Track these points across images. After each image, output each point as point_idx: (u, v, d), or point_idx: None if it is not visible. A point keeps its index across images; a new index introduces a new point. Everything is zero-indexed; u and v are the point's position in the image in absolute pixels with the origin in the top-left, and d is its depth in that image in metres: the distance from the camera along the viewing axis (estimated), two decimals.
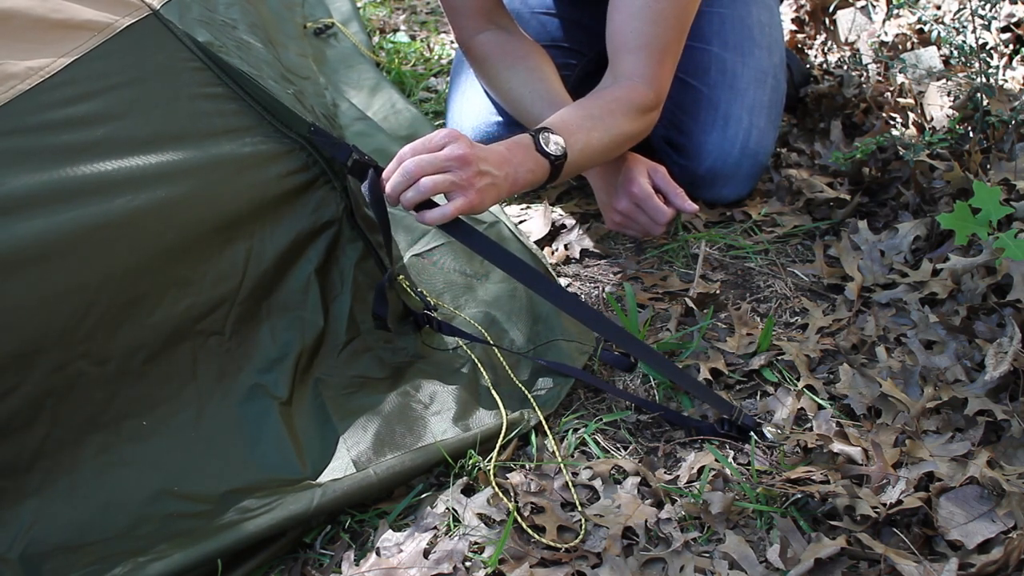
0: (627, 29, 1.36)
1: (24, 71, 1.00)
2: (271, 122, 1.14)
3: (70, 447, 0.99)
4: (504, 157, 1.17)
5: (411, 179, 1.08)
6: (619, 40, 1.37)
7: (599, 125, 1.29)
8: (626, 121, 1.33)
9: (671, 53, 1.38)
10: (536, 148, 1.20)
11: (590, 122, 1.29)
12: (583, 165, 1.31)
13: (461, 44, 1.58)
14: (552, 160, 1.21)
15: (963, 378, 1.15)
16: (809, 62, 1.97)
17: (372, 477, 1.03)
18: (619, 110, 1.33)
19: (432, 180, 1.08)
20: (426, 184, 1.08)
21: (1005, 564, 0.90)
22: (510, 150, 1.18)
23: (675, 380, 1.18)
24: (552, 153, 1.21)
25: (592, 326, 1.18)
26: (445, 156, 1.09)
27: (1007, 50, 1.79)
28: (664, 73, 1.38)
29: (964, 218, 1.18)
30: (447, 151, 1.10)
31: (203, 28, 1.17)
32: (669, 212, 1.39)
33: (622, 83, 1.36)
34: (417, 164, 1.08)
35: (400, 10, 2.60)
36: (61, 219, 0.96)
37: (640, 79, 1.35)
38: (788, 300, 1.37)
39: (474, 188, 1.10)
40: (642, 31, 1.35)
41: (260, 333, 1.12)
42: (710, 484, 1.05)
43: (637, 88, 1.35)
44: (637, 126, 1.36)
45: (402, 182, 1.09)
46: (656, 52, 1.36)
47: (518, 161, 1.18)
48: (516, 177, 1.18)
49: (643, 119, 1.37)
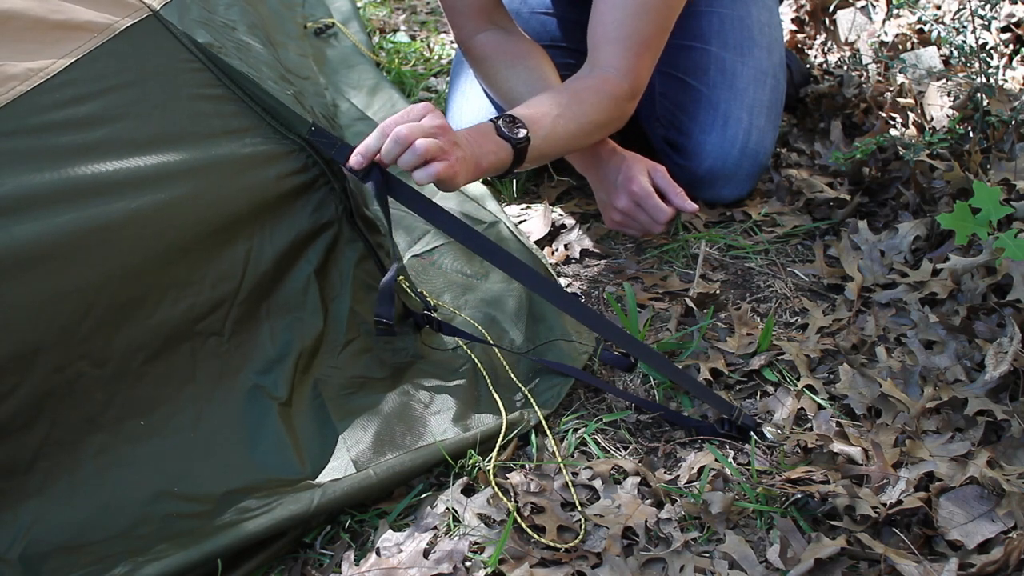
0: (608, 20, 1.37)
1: (24, 72, 1.00)
2: (270, 123, 1.14)
3: (70, 448, 0.99)
4: (469, 139, 1.19)
5: (405, 143, 1.10)
6: (600, 31, 1.38)
7: (566, 113, 1.30)
8: (596, 110, 1.34)
9: (651, 47, 1.39)
10: (497, 133, 1.22)
11: (557, 109, 1.30)
12: (549, 152, 1.32)
13: (460, 44, 1.58)
14: (514, 144, 1.22)
15: (963, 378, 1.15)
16: (809, 62, 1.97)
17: (372, 477, 1.03)
18: (589, 99, 1.33)
19: (425, 142, 1.09)
20: (421, 145, 1.09)
21: (1005, 564, 0.90)
22: (471, 133, 1.20)
23: (675, 380, 1.18)
24: (513, 137, 1.22)
25: (592, 326, 1.18)
26: (429, 123, 1.12)
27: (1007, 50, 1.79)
28: (641, 66, 1.38)
29: (964, 218, 1.18)
30: (428, 119, 1.12)
31: (203, 29, 1.17)
32: (669, 211, 1.39)
33: (596, 73, 1.36)
34: (409, 129, 1.10)
35: (400, 10, 2.61)
36: (61, 220, 0.96)
37: (615, 70, 1.36)
38: (788, 300, 1.37)
39: (454, 155, 1.12)
40: (623, 23, 1.36)
41: (259, 334, 1.12)
42: (710, 484, 1.05)
43: (610, 79, 1.36)
44: (608, 115, 1.37)
45: (395, 147, 1.10)
46: (635, 45, 1.36)
47: (479, 143, 1.19)
48: (479, 159, 1.19)
49: (615, 109, 1.37)
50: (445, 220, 1.16)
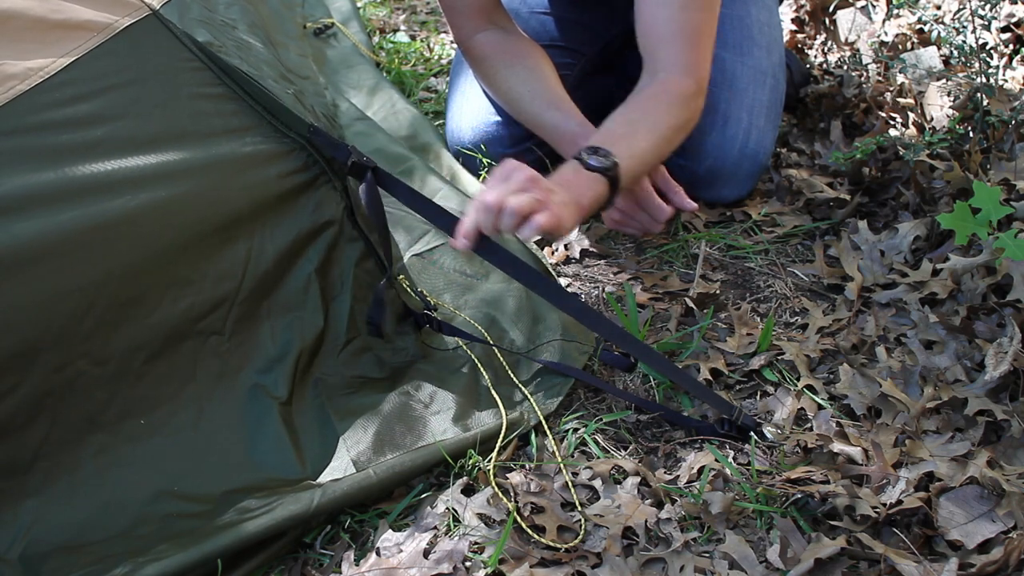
0: (658, 20, 1.35)
1: (23, 71, 1.00)
2: (271, 122, 1.14)
3: (70, 447, 0.99)
4: (562, 182, 1.17)
5: (496, 209, 1.08)
6: (652, 33, 1.37)
7: (641, 127, 1.30)
8: (669, 115, 1.33)
9: (706, 35, 1.37)
10: (585, 167, 1.20)
11: (631, 127, 1.29)
12: (639, 170, 1.30)
13: (460, 44, 1.58)
14: (605, 173, 1.21)
15: (963, 378, 1.15)
16: (809, 62, 1.97)
17: (372, 477, 1.03)
18: (659, 106, 1.33)
19: (516, 200, 1.07)
20: (513, 204, 1.06)
21: (1005, 564, 0.90)
22: (561, 177, 1.19)
23: (675, 380, 1.18)
24: (601, 166, 1.21)
25: (592, 326, 1.18)
26: (517, 181, 1.10)
27: (1007, 50, 1.79)
28: (701, 57, 1.37)
29: (964, 218, 1.18)
30: (516, 177, 1.10)
31: (203, 28, 1.17)
32: (669, 210, 1.39)
33: (658, 79, 1.35)
34: (496, 195, 1.08)
35: (400, 10, 2.60)
36: (61, 219, 0.96)
37: (677, 69, 1.35)
38: (788, 300, 1.37)
39: (553, 203, 1.10)
40: (673, 18, 1.34)
41: (260, 333, 1.12)
42: (710, 484, 1.05)
43: (673, 80, 1.35)
44: (681, 117, 1.36)
45: (488, 216, 1.08)
46: (690, 37, 1.35)
47: (573, 184, 1.18)
48: (579, 199, 1.17)
49: (686, 108, 1.36)
50: (445, 220, 1.16)
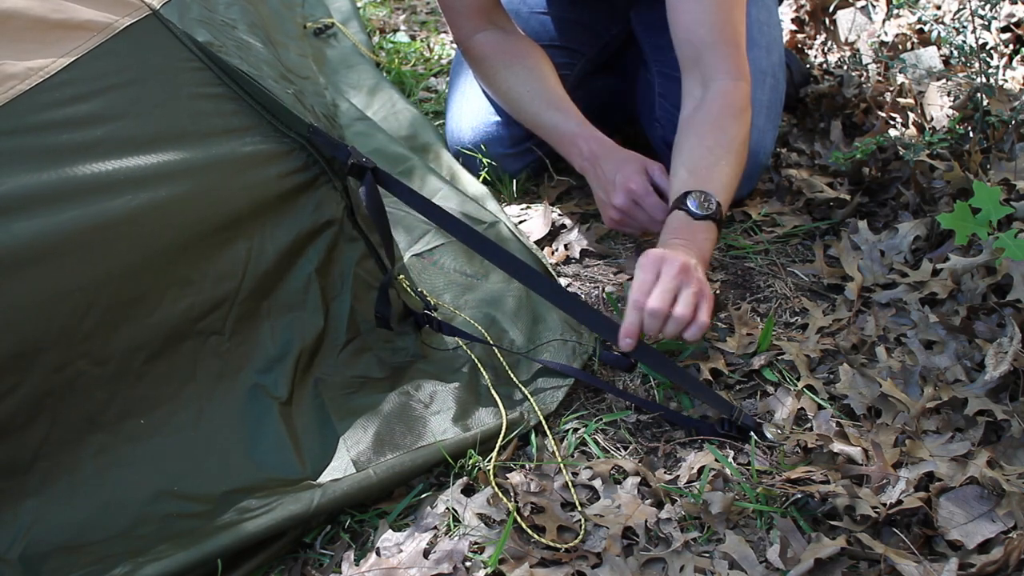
0: (698, 26, 1.36)
1: (24, 71, 1.00)
2: (271, 122, 1.14)
3: (70, 447, 0.99)
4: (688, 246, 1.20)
5: (661, 318, 1.12)
6: (694, 39, 1.37)
7: (720, 151, 1.31)
8: (737, 130, 1.35)
9: (743, 33, 1.39)
10: (695, 218, 1.24)
11: (712, 155, 1.31)
12: (730, 197, 1.33)
13: (459, 44, 1.58)
14: (713, 219, 1.25)
15: (963, 378, 1.15)
16: (809, 62, 1.97)
17: (372, 477, 1.03)
18: (726, 124, 1.34)
19: (682, 310, 1.11)
20: (682, 314, 1.11)
21: (1005, 564, 0.90)
22: (684, 237, 1.22)
23: (675, 380, 1.18)
24: (708, 214, 1.24)
25: (592, 326, 1.18)
26: (671, 279, 1.13)
27: (1007, 50, 1.79)
28: (743, 56, 1.38)
29: (964, 218, 1.18)
30: (667, 274, 1.13)
31: (203, 28, 1.17)
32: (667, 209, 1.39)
33: (713, 90, 1.36)
34: (660, 302, 1.11)
35: (400, 10, 2.60)
36: (61, 219, 0.96)
37: (727, 75, 1.36)
38: (788, 300, 1.37)
39: (705, 285, 1.15)
40: (713, 23, 1.35)
41: (260, 333, 1.12)
42: (710, 484, 1.05)
43: (728, 89, 1.36)
44: (747, 126, 1.38)
45: (656, 322, 1.12)
46: (732, 38, 1.36)
47: (695, 240, 1.22)
48: (705, 254, 1.23)
49: (746, 114, 1.38)
50: (445, 219, 1.16)
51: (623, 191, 1.40)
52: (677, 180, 1.30)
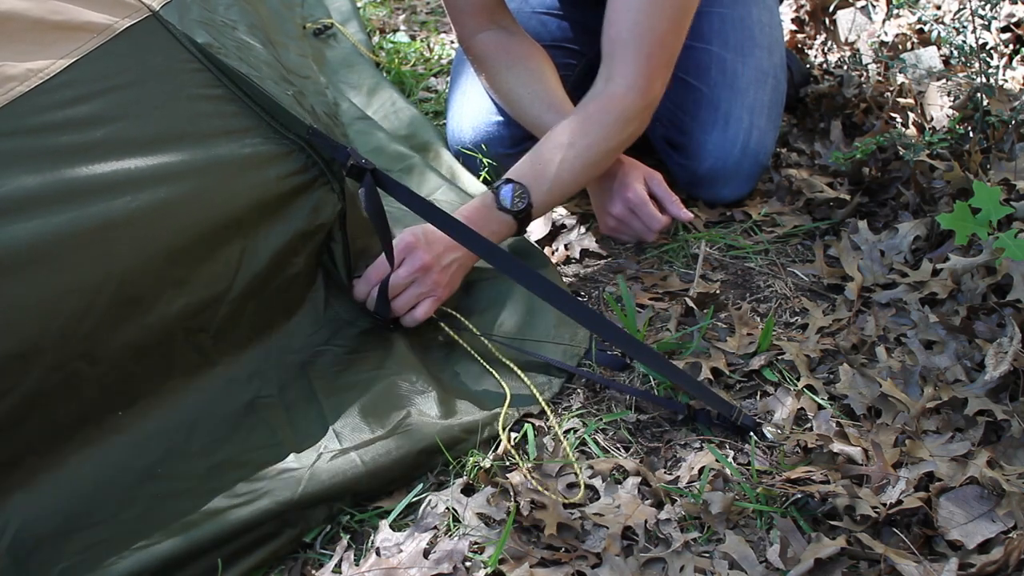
0: (622, 22, 1.35)
1: (23, 73, 1.00)
2: (270, 123, 1.14)
3: (58, 442, 0.99)
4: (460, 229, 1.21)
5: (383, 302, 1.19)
6: (613, 33, 1.36)
7: (571, 152, 1.30)
8: (605, 138, 1.33)
9: (667, 48, 1.36)
10: (498, 207, 1.26)
11: (560, 152, 1.30)
12: (554, 202, 1.34)
13: (462, 43, 1.58)
14: (516, 215, 1.27)
15: (963, 378, 1.15)
16: (809, 62, 1.97)
17: (359, 465, 1.02)
18: (597, 128, 1.33)
19: (402, 301, 1.20)
20: (398, 306, 1.20)
21: (1005, 564, 0.90)
22: (471, 219, 1.23)
23: (675, 380, 1.18)
24: (513, 209, 1.26)
25: (592, 327, 1.18)
26: (406, 273, 1.19)
27: (1007, 50, 1.79)
28: (655, 70, 1.35)
29: (964, 218, 1.18)
30: (406, 267, 1.19)
31: (203, 29, 1.17)
32: (663, 220, 1.40)
33: (607, 92, 1.35)
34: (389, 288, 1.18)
35: (400, 10, 2.60)
36: (60, 220, 0.95)
37: (626, 80, 1.34)
38: (788, 300, 1.37)
39: (440, 287, 1.22)
40: (637, 22, 1.33)
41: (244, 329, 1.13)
42: (710, 484, 1.05)
43: (620, 97, 1.34)
44: (620, 138, 1.36)
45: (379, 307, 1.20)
46: (648, 45, 1.34)
47: (481, 227, 1.23)
48: None
49: (625, 128, 1.36)
50: (443, 219, 1.16)
51: (620, 199, 1.40)
52: (515, 165, 1.31)
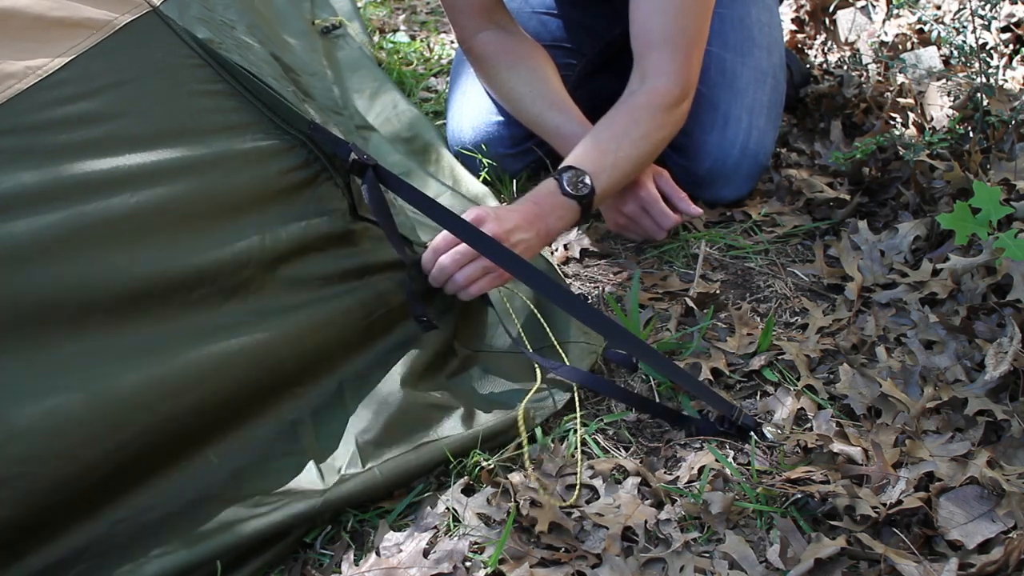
0: (651, 26, 1.36)
1: (22, 70, 1.00)
2: (271, 119, 1.13)
3: None
4: (534, 214, 1.22)
5: (447, 274, 1.17)
6: (644, 38, 1.38)
7: (625, 142, 1.31)
8: (654, 127, 1.35)
9: (697, 43, 1.39)
10: (562, 192, 1.25)
11: (615, 142, 1.31)
12: (615, 188, 1.34)
13: (462, 43, 1.58)
14: (580, 200, 1.25)
15: (963, 378, 1.15)
16: (809, 62, 1.97)
17: (378, 477, 1.02)
18: (644, 117, 1.34)
19: (464, 274, 1.17)
20: (460, 279, 1.17)
21: (1005, 564, 0.90)
22: (538, 203, 1.24)
23: (675, 380, 1.18)
24: (578, 194, 1.25)
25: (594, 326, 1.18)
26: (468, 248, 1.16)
27: (1007, 50, 1.79)
28: (691, 65, 1.38)
29: (964, 218, 1.18)
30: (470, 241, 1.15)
31: (203, 26, 1.17)
32: (675, 218, 1.40)
33: (646, 87, 1.36)
34: (452, 259, 1.16)
35: (400, 10, 2.60)
36: (60, 217, 0.95)
37: (666, 76, 1.36)
38: (788, 300, 1.37)
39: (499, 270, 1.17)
40: (667, 26, 1.36)
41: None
42: (710, 484, 1.05)
43: (660, 88, 1.36)
44: (667, 129, 1.38)
45: (439, 276, 1.18)
46: (682, 45, 1.37)
47: (547, 212, 1.23)
48: (548, 229, 1.24)
49: (671, 116, 1.38)
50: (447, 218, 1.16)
51: (632, 197, 1.40)
52: (572, 153, 1.30)
